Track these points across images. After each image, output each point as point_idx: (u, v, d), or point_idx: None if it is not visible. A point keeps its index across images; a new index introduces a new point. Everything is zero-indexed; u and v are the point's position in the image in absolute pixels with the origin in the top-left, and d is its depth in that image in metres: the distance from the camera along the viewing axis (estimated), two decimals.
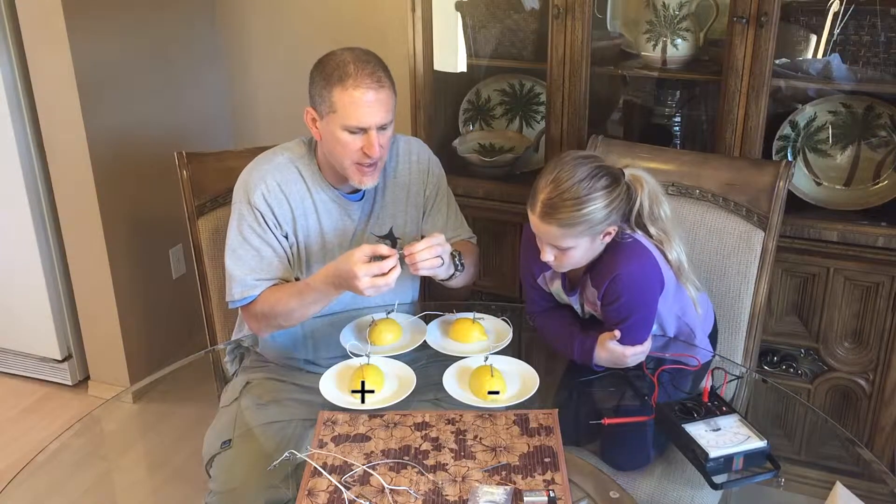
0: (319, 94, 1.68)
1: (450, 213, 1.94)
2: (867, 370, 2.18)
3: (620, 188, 1.55)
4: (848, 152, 2.19)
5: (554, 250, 1.57)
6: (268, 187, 1.76)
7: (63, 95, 2.56)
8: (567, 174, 1.52)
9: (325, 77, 1.67)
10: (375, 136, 1.67)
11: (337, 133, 1.68)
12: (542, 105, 2.55)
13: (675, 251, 1.62)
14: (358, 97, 1.64)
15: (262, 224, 1.76)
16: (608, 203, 1.52)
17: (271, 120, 3.14)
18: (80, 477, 1.63)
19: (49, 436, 2.61)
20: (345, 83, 1.64)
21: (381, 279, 1.57)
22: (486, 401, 1.53)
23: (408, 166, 1.88)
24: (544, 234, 1.56)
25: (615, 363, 1.64)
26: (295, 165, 1.79)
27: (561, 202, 1.51)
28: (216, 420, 1.75)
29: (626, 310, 1.59)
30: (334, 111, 1.66)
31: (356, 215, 1.83)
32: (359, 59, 1.66)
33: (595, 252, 1.60)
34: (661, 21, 2.23)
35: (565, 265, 1.60)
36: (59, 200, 2.74)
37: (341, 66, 1.65)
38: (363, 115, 1.65)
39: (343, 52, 1.69)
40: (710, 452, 1.37)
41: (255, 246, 1.76)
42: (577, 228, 1.52)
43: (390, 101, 1.69)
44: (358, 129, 1.67)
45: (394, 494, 1.32)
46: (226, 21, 3.07)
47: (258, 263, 1.76)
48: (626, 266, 1.57)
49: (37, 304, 2.85)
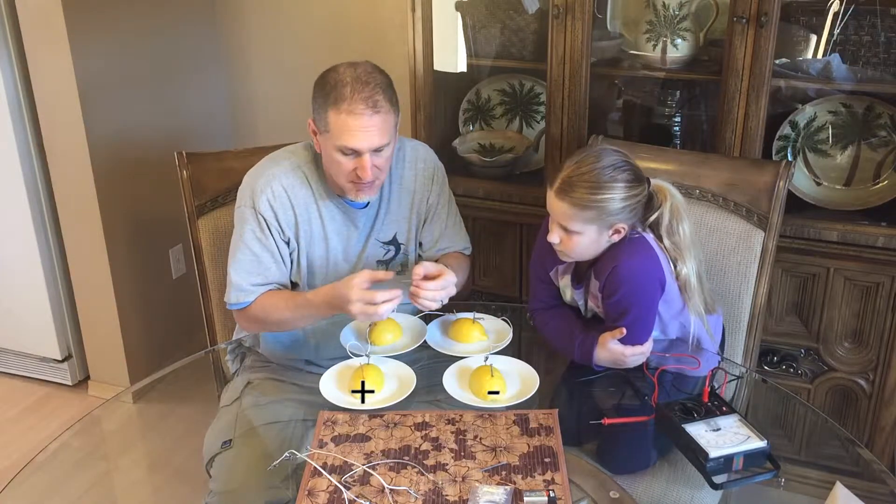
0: (317, 111, 1.68)
1: (448, 222, 1.92)
2: (867, 370, 2.18)
3: (641, 189, 1.58)
4: (848, 152, 2.19)
5: (561, 232, 1.58)
6: (273, 192, 1.75)
7: (63, 96, 2.56)
8: (593, 158, 1.56)
9: (323, 95, 1.66)
10: (368, 159, 1.65)
11: (331, 152, 1.67)
12: (542, 105, 2.55)
13: (686, 269, 1.62)
14: (351, 122, 1.62)
15: (265, 229, 1.75)
16: (625, 197, 1.54)
17: (271, 120, 3.14)
18: (80, 477, 1.63)
19: (49, 436, 2.61)
20: (339, 106, 1.62)
21: (373, 308, 1.59)
22: (486, 401, 1.53)
23: (413, 173, 1.86)
24: (556, 211, 1.57)
25: (615, 363, 1.64)
26: (302, 171, 1.78)
27: (580, 181, 1.53)
28: (216, 420, 1.75)
29: (624, 303, 1.59)
30: (329, 131, 1.65)
31: (361, 223, 1.83)
32: (358, 80, 1.63)
33: (601, 247, 1.60)
34: (661, 21, 2.23)
35: (569, 251, 1.61)
36: (59, 200, 2.74)
37: (339, 87, 1.63)
38: (355, 139, 1.63)
39: (345, 69, 1.66)
40: (710, 452, 1.37)
41: (254, 251, 1.75)
42: (589, 213, 1.53)
43: (386, 125, 1.65)
44: (351, 152, 1.65)
45: (394, 494, 1.32)
46: (226, 22, 3.07)
47: (256, 268, 1.76)
48: (628, 259, 1.58)
49: (37, 304, 2.85)
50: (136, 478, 1.94)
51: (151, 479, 1.99)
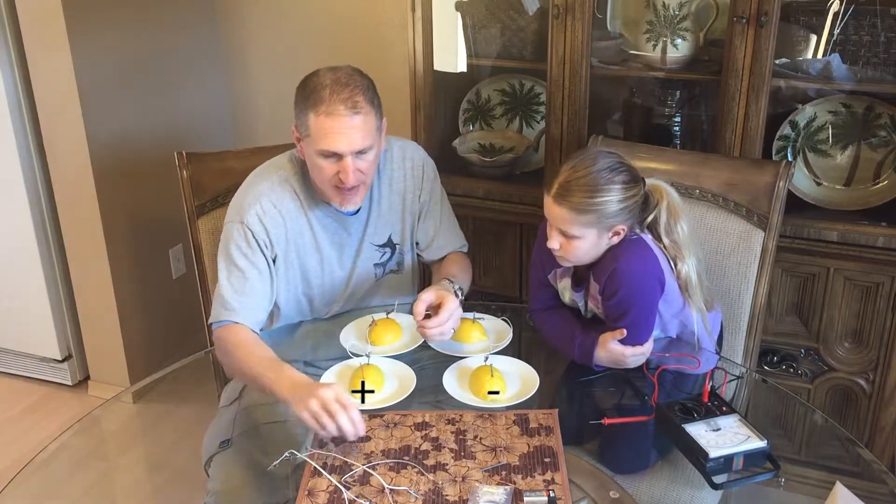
0: (299, 117, 1.67)
1: (442, 220, 1.92)
2: (867, 370, 2.18)
3: (638, 189, 1.58)
4: (848, 152, 2.19)
5: (560, 237, 1.58)
6: (263, 208, 1.73)
7: (63, 96, 2.56)
8: (589, 162, 1.56)
9: (303, 99, 1.65)
10: (350, 162, 1.63)
11: (313, 157, 1.66)
12: (542, 105, 2.55)
13: (686, 267, 1.62)
14: (329, 124, 1.60)
15: (253, 244, 1.73)
16: (623, 199, 1.54)
17: (271, 120, 3.14)
18: (80, 477, 1.63)
19: (49, 436, 2.61)
20: (318, 108, 1.61)
21: (326, 417, 1.39)
22: (486, 401, 1.53)
23: (402, 173, 1.85)
24: (555, 217, 1.57)
25: (615, 363, 1.64)
26: (289, 184, 1.77)
27: (577, 186, 1.53)
28: (216, 420, 1.75)
29: (625, 304, 1.59)
30: (309, 135, 1.64)
31: (353, 228, 1.82)
32: (337, 83, 1.62)
33: (600, 250, 1.60)
34: (661, 21, 2.23)
35: (569, 256, 1.61)
36: (59, 200, 2.74)
37: (317, 90, 1.62)
38: (335, 141, 1.61)
39: (325, 73, 1.65)
40: (710, 452, 1.37)
41: (241, 267, 1.73)
42: (588, 216, 1.54)
43: (367, 126, 1.63)
44: (332, 155, 1.64)
45: (394, 494, 1.32)
46: (226, 21, 3.07)
47: (242, 285, 1.72)
48: (626, 261, 1.58)
49: (37, 304, 2.85)
50: (136, 478, 1.94)
51: (151, 479, 1.98)
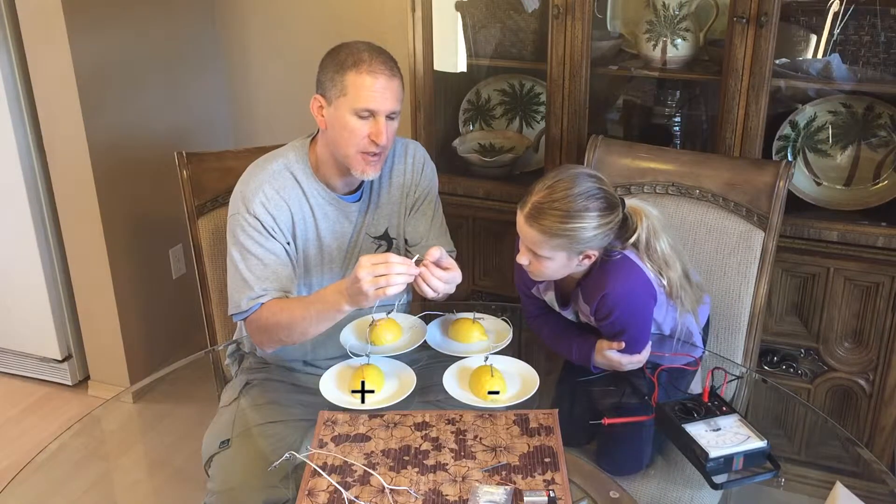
0: (331, 79, 1.68)
1: (434, 221, 1.91)
2: (867, 370, 2.18)
3: (615, 216, 1.53)
4: (848, 152, 2.19)
5: (530, 255, 1.56)
6: (266, 196, 1.73)
7: (63, 95, 2.56)
8: (566, 184, 1.51)
9: (338, 63, 1.68)
10: (384, 123, 1.68)
11: (346, 118, 1.68)
12: (542, 105, 2.55)
13: (672, 274, 1.60)
14: (371, 81, 1.65)
15: (263, 231, 1.72)
16: (597, 226, 1.50)
17: (271, 120, 3.14)
18: (80, 477, 1.63)
19: (49, 436, 2.61)
20: (359, 67, 1.66)
21: (383, 278, 1.48)
22: (486, 401, 1.53)
23: (403, 167, 1.87)
24: (525, 236, 1.54)
25: (612, 368, 1.64)
26: (290, 171, 1.77)
27: (550, 209, 1.49)
28: (215, 420, 1.75)
29: (620, 324, 1.58)
30: (345, 94, 1.66)
31: (354, 216, 1.83)
32: (372, 49, 1.70)
33: (570, 270, 1.58)
34: (661, 21, 2.23)
35: (538, 274, 1.59)
36: (59, 200, 2.74)
37: (356, 53, 1.68)
38: (375, 98, 1.66)
39: (356, 42, 1.72)
40: (710, 452, 1.37)
41: (257, 255, 1.72)
42: (557, 241, 1.50)
43: (400, 92, 1.71)
44: (367, 114, 1.67)
45: (394, 494, 1.32)
46: (226, 21, 3.07)
47: (263, 272, 1.71)
48: (615, 285, 1.55)
49: (37, 304, 2.85)
50: (136, 478, 1.94)
51: (151, 479, 1.98)
